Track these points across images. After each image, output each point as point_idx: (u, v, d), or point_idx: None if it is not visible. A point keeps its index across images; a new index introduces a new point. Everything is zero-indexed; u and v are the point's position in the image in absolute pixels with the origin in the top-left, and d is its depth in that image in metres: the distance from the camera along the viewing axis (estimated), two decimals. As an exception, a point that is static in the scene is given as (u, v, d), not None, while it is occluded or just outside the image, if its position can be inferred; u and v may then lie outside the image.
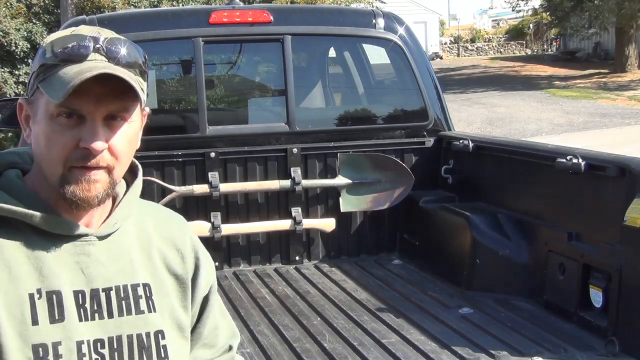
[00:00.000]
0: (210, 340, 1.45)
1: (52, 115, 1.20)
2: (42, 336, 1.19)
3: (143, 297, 1.30)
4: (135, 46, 1.28)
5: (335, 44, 4.95)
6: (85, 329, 1.23)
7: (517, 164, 3.69)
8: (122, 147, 1.25)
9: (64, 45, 1.21)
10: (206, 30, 4.13)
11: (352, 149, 4.28)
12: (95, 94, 1.18)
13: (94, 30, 1.25)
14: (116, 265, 1.29)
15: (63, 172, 1.21)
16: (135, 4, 11.85)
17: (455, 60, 36.78)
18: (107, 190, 1.24)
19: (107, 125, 1.22)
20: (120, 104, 1.22)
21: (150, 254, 1.35)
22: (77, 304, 1.23)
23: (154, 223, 1.41)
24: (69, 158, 1.20)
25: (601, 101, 18.40)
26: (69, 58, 1.20)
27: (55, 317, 1.21)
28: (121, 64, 1.22)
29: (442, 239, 4.02)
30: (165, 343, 1.30)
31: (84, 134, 1.19)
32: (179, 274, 1.38)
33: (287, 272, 4.12)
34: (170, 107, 4.70)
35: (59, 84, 1.17)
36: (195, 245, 1.45)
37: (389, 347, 2.96)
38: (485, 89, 22.42)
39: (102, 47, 1.22)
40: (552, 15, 28.10)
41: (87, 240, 1.27)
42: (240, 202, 4.20)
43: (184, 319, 1.37)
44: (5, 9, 12.09)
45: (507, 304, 3.40)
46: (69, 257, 1.25)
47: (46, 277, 1.22)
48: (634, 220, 2.72)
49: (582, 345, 2.89)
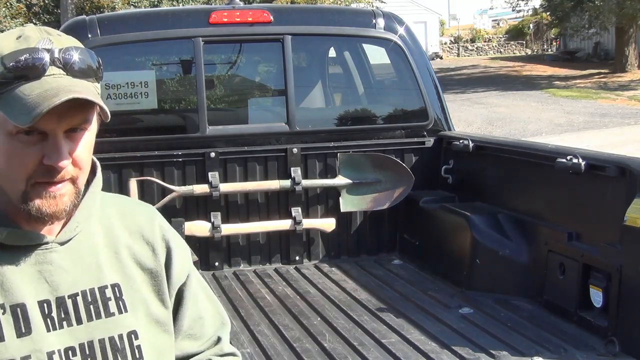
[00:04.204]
0: (195, 331, 1.42)
1: (11, 132, 1.15)
2: (10, 352, 1.16)
3: (112, 299, 1.27)
4: (88, 51, 1.22)
5: (335, 44, 4.95)
6: (55, 338, 1.20)
7: (517, 164, 3.69)
8: (85, 156, 1.22)
9: (15, 58, 1.14)
10: (206, 30, 4.14)
11: (352, 149, 4.29)
12: (58, 112, 1.14)
13: (44, 37, 1.18)
14: (81, 269, 1.26)
15: (25, 189, 1.17)
16: (135, 4, 11.85)
17: (455, 60, 36.78)
18: (73, 201, 1.22)
19: (69, 137, 1.18)
20: (82, 116, 1.19)
21: (118, 252, 1.32)
22: (43, 314, 1.21)
23: (120, 218, 1.36)
24: (32, 175, 1.17)
25: (601, 101, 18.40)
26: (23, 74, 1.14)
27: (22, 331, 1.18)
28: (77, 74, 1.18)
29: (442, 239, 4.02)
30: (139, 343, 1.27)
31: (47, 151, 1.16)
32: (151, 268, 1.34)
33: (287, 272, 4.12)
34: (170, 107, 4.70)
35: (22, 107, 1.12)
36: (166, 234, 1.39)
37: (389, 347, 2.96)
38: (485, 89, 22.41)
39: (58, 58, 1.17)
40: (552, 15, 28.11)
41: (49, 248, 1.23)
42: (240, 202, 4.20)
43: (161, 313, 1.34)
44: (5, 9, 12.10)
45: (507, 304, 3.40)
46: (31, 268, 1.21)
47: (8, 290, 1.19)
48: (634, 220, 2.72)
49: (582, 345, 2.90)
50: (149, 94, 4.21)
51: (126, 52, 4.25)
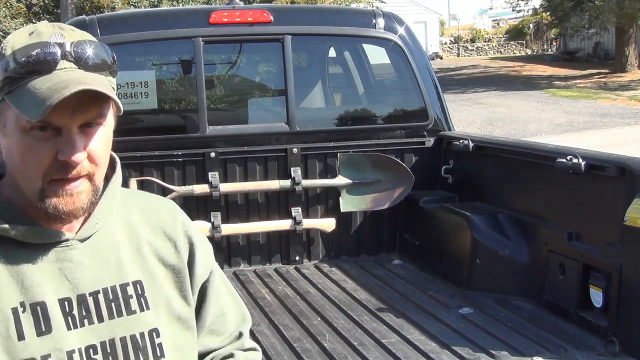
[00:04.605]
0: (217, 327, 1.41)
1: (25, 128, 1.14)
2: (30, 351, 1.15)
3: (134, 296, 1.26)
4: (102, 45, 1.21)
5: (335, 44, 4.95)
6: (76, 337, 1.19)
7: (517, 164, 3.69)
8: (100, 152, 1.20)
9: (27, 53, 1.14)
10: (206, 30, 4.14)
11: (352, 149, 4.29)
12: (71, 106, 1.12)
13: (56, 31, 1.17)
14: (102, 267, 1.25)
15: (42, 187, 1.16)
16: (135, 4, 11.85)
17: (455, 60, 36.78)
18: (90, 198, 1.20)
19: (83, 132, 1.16)
20: (96, 111, 1.17)
21: (139, 248, 1.30)
22: (64, 312, 1.19)
23: (141, 214, 1.35)
24: (48, 171, 1.15)
25: (601, 101, 18.40)
26: (35, 68, 1.13)
27: (42, 329, 1.17)
28: (90, 68, 1.17)
29: (442, 239, 4.02)
30: (160, 341, 1.26)
31: (61, 147, 1.14)
32: (173, 265, 1.33)
33: (287, 272, 4.12)
34: (170, 107, 4.70)
35: (33, 100, 1.11)
36: (188, 230, 1.38)
37: (389, 347, 2.96)
38: (485, 89, 22.41)
39: (70, 52, 1.16)
40: (552, 15, 28.11)
41: (68, 245, 1.22)
42: (240, 202, 4.20)
43: (184, 310, 1.33)
44: (5, 9, 12.10)
45: (507, 304, 3.40)
46: (51, 265, 1.20)
47: (28, 289, 1.18)
48: (634, 220, 2.72)
49: (582, 345, 2.89)
50: (149, 94, 4.21)
51: (126, 52, 4.24)
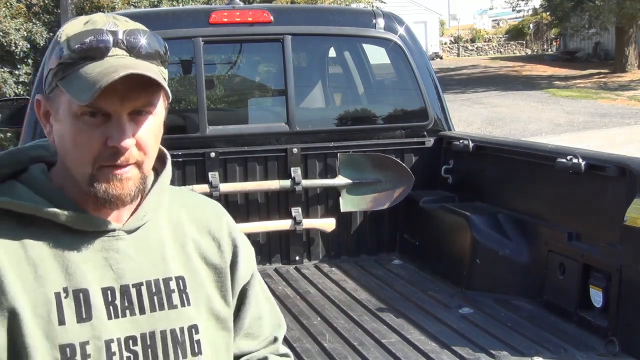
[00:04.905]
0: (253, 330, 1.42)
1: (76, 114, 1.16)
2: (69, 336, 1.16)
3: (176, 291, 1.27)
4: (155, 35, 1.25)
5: (335, 44, 4.95)
6: (115, 326, 1.20)
7: (517, 164, 3.69)
8: (149, 140, 1.22)
9: (81, 40, 1.17)
10: (206, 30, 4.13)
11: (352, 149, 4.28)
12: (120, 92, 1.15)
13: (110, 20, 1.20)
14: (147, 260, 1.26)
15: (92, 172, 1.18)
16: (135, 4, 11.85)
17: (455, 60, 36.78)
18: (139, 186, 1.22)
19: (133, 120, 1.19)
20: (146, 98, 1.20)
21: (184, 245, 1.32)
22: (106, 301, 1.20)
23: (188, 212, 1.36)
24: (98, 157, 1.17)
25: (601, 101, 18.40)
26: (88, 55, 1.16)
27: (83, 316, 1.18)
28: (142, 56, 1.20)
29: (442, 239, 4.02)
30: (199, 338, 1.27)
31: (111, 132, 1.16)
32: (216, 264, 1.34)
33: (287, 272, 4.12)
34: (170, 107, 4.67)
35: (83, 84, 1.14)
36: (233, 231, 1.40)
37: (389, 347, 2.96)
38: (485, 89, 22.42)
39: (122, 40, 1.18)
40: (552, 15, 28.12)
41: (116, 236, 1.24)
42: (240, 202, 4.20)
43: (223, 310, 1.33)
44: (5, 9, 12.09)
45: (507, 304, 3.40)
46: (97, 254, 1.22)
47: (72, 275, 1.19)
48: (634, 220, 2.72)
49: (582, 345, 2.89)
50: None
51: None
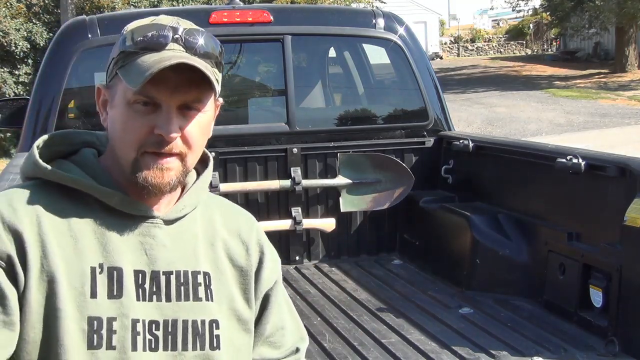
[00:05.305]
0: (275, 339, 1.45)
1: (129, 101, 1.23)
2: (99, 310, 1.21)
3: (202, 285, 1.31)
4: (213, 38, 1.30)
5: (335, 44, 4.94)
6: (142, 308, 1.24)
7: (517, 164, 3.69)
8: (195, 135, 1.27)
9: (143, 33, 1.25)
10: (206, 30, 4.12)
11: (352, 149, 4.28)
12: (172, 83, 1.21)
13: (173, 20, 1.29)
14: (179, 251, 1.31)
15: (136, 157, 1.24)
16: (135, 4, 11.85)
17: (455, 60, 36.79)
18: (179, 177, 1.27)
19: (182, 113, 1.24)
20: (196, 94, 1.25)
21: (214, 244, 1.37)
22: (137, 283, 1.25)
23: (222, 215, 1.42)
24: (143, 143, 1.23)
25: (601, 101, 18.40)
26: (147, 46, 1.24)
27: (114, 293, 1.23)
28: (198, 54, 1.25)
29: (442, 239, 4.02)
30: (218, 333, 1.31)
31: (158, 121, 1.22)
32: (242, 266, 1.38)
33: (287, 272, 4.11)
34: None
35: (137, 71, 1.21)
36: (261, 240, 1.45)
37: (389, 347, 2.96)
38: (485, 89, 22.42)
39: (181, 37, 1.26)
40: (552, 15, 28.12)
41: (154, 223, 1.29)
42: (240, 202, 4.19)
43: (245, 311, 1.37)
44: (5, 9, 12.09)
45: (507, 304, 3.40)
46: (134, 237, 1.27)
47: (110, 253, 1.24)
48: (634, 220, 2.72)
49: (582, 345, 2.89)
50: None
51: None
